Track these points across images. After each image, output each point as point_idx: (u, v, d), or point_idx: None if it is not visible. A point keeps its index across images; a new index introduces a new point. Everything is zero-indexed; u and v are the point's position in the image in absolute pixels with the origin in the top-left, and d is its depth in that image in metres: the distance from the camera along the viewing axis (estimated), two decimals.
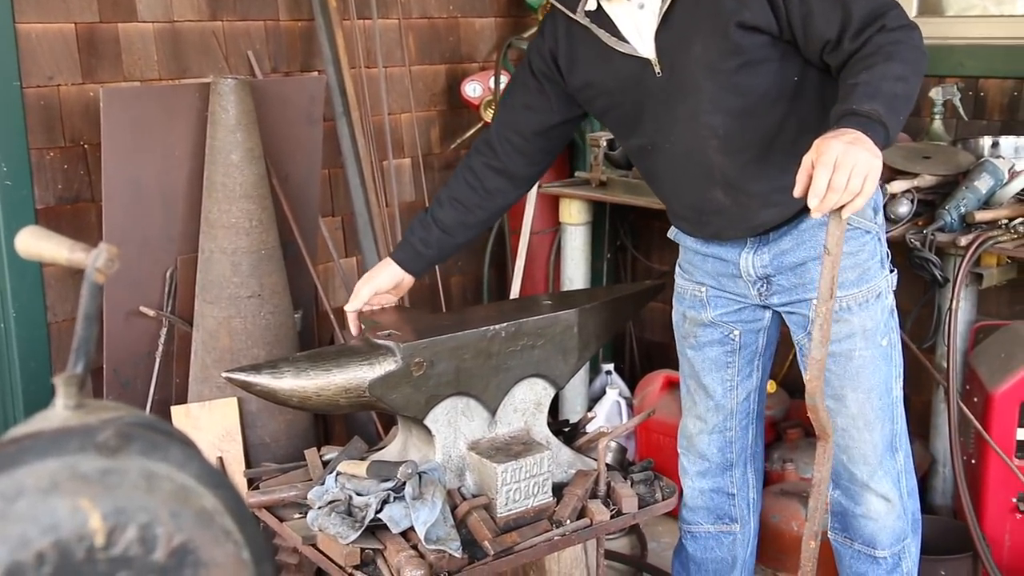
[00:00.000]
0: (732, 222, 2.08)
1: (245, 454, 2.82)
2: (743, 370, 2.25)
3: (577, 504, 2.15)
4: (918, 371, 3.49)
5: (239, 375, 2.00)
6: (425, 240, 2.27)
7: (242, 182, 2.78)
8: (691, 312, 2.26)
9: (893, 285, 2.15)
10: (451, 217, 2.26)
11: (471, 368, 2.12)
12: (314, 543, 2.05)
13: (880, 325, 2.09)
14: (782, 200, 2.00)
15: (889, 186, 2.95)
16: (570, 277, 3.76)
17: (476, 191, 2.25)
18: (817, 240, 2.05)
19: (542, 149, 2.25)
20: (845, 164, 1.62)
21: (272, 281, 2.85)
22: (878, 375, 2.10)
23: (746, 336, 2.22)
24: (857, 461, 2.14)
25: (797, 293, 2.10)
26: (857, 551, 2.24)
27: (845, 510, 2.22)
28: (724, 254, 2.15)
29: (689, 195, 2.11)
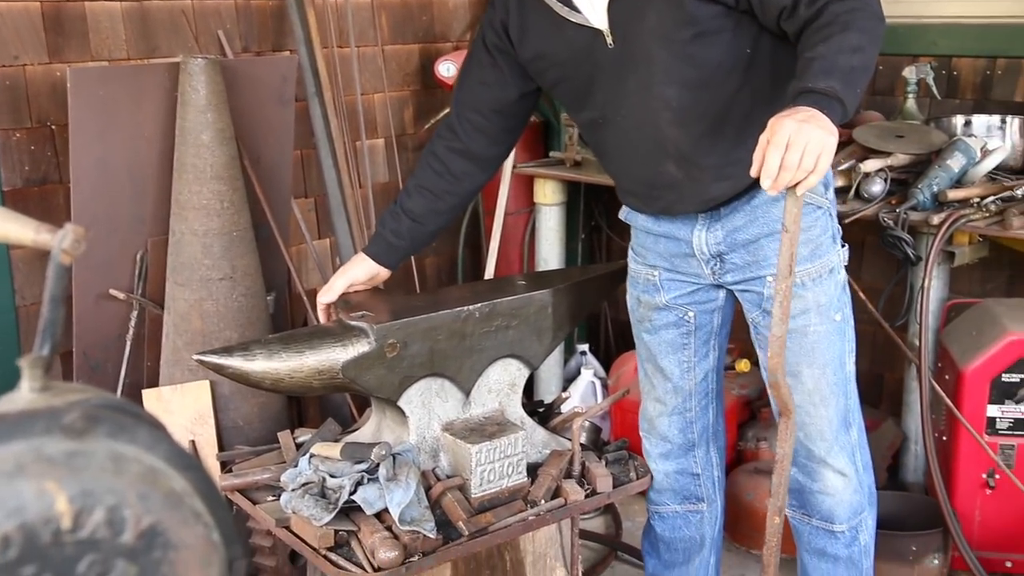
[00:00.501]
0: (684, 196, 2.08)
1: (218, 437, 2.82)
2: (699, 351, 2.27)
3: (551, 484, 2.16)
4: (891, 349, 3.53)
5: (211, 358, 1.99)
6: (397, 231, 2.26)
7: (213, 163, 2.76)
8: (645, 296, 2.26)
9: (845, 260, 2.16)
10: (420, 205, 2.25)
11: (445, 349, 2.12)
12: (287, 525, 2.04)
13: (833, 300, 2.11)
14: (735, 173, 2.01)
15: (862, 165, 2.97)
16: (544, 257, 3.76)
17: (442, 176, 2.24)
18: (770, 217, 2.06)
19: (503, 128, 2.24)
20: (798, 143, 1.63)
21: (244, 263, 2.84)
22: (832, 350, 2.12)
23: (701, 317, 2.23)
24: (814, 437, 2.16)
25: (751, 271, 2.11)
26: (815, 527, 2.26)
27: (802, 487, 2.25)
28: (676, 232, 2.14)
29: (640, 169, 2.11)
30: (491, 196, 3.81)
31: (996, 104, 3.32)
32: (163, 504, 0.76)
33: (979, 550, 2.88)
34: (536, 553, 2.27)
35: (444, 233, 4.08)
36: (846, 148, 3.15)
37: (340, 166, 3.38)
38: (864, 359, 3.71)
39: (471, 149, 2.23)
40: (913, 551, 2.83)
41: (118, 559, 0.73)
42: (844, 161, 3.08)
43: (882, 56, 3.50)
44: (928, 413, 2.87)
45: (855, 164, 3.02)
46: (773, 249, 2.06)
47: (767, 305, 2.09)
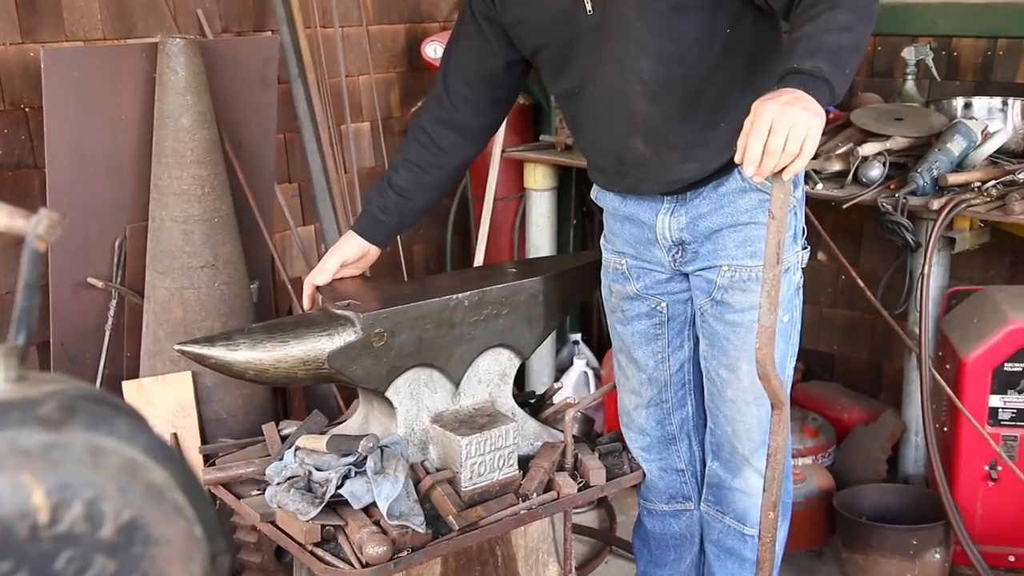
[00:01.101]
0: (650, 175, 2.08)
1: (200, 430, 2.81)
2: (673, 341, 2.26)
3: (544, 477, 2.16)
4: (890, 338, 3.54)
5: (193, 348, 1.98)
6: (384, 207, 2.26)
7: (193, 147, 2.74)
8: (616, 285, 2.26)
9: (803, 262, 2.16)
10: (407, 180, 2.25)
11: (434, 338, 2.12)
12: (273, 520, 2.04)
13: (784, 300, 2.10)
14: (702, 156, 2.01)
15: (860, 148, 2.97)
16: (535, 244, 3.76)
17: (429, 150, 2.24)
18: (735, 207, 2.06)
19: (489, 98, 2.23)
20: (781, 126, 1.62)
21: (226, 250, 2.83)
22: (776, 351, 2.11)
23: (673, 307, 2.23)
24: (741, 436, 2.17)
25: (709, 259, 2.11)
26: (728, 525, 2.28)
27: (721, 482, 2.26)
28: (641, 214, 2.15)
29: (609, 143, 2.11)
30: (480, 181, 3.80)
31: (997, 86, 3.32)
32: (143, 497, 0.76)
33: (981, 544, 2.89)
34: (528, 548, 2.27)
35: (432, 219, 4.12)
36: (844, 131, 3.15)
37: (324, 150, 3.36)
38: (863, 348, 3.75)
39: (458, 120, 2.23)
40: (914, 545, 2.85)
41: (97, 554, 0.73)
42: (842, 145, 3.08)
43: (880, 36, 3.51)
44: (929, 403, 2.88)
45: (853, 148, 3.02)
46: (734, 241, 2.07)
47: (718, 294, 2.10)
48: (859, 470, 3.26)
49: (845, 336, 3.77)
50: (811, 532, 3.11)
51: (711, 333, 2.14)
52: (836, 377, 3.80)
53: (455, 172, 2.30)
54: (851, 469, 3.28)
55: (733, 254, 2.07)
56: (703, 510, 2.31)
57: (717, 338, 2.13)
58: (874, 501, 3.05)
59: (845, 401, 3.54)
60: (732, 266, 2.07)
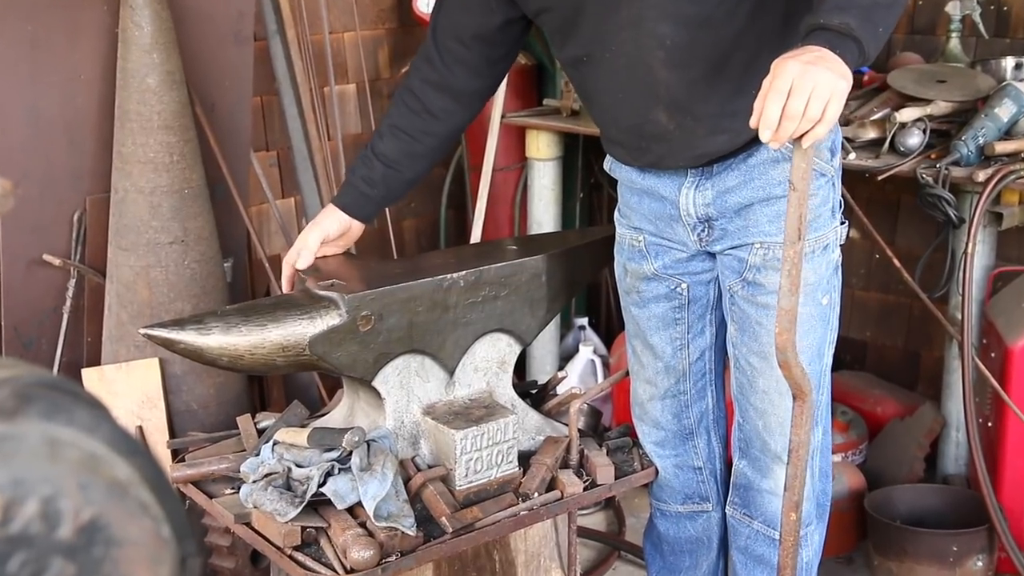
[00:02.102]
0: (675, 149, 2.07)
1: (168, 422, 2.82)
2: (694, 327, 2.26)
3: (546, 475, 2.16)
4: (929, 324, 3.54)
5: (160, 332, 1.99)
6: (369, 179, 2.25)
7: (160, 111, 2.74)
8: (631, 264, 2.26)
9: (842, 239, 2.16)
10: (395, 149, 2.23)
11: (426, 322, 2.12)
12: (248, 522, 2.05)
13: (823, 281, 2.10)
14: (732, 126, 2.00)
15: (898, 114, 2.96)
16: (538, 219, 3.76)
17: (419, 115, 2.22)
18: (767, 179, 2.05)
19: (485, 58, 2.21)
20: (802, 88, 1.61)
21: (197, 225, 2.82)
22: (812, 336, 2.12)
23: (695, 289, 2.22)
24: (774, 430, 2.16)
25: (740, 237, 2.10)
26: (756, 530, 2.27)
27: (749, 483, 2.26)
28: (662, 189, 2.13)
29: (628, 116, 2.09)
30: (477, 150, 3.80)
31: None
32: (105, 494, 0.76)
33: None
34: (529, 552, 2.28)
35: (424, 192, 4.12)
36: (880, 95, 3.15)
37: (306, 115, 3.36)
38: (899, 335, 3.75)
39: (450, 82, 2.21)
40: (954, 551, 2.86)
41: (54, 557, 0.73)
42: (877, 110, 3.07)
43: None
44: (971, 396, 2.89)
45: (890, 113, 3.01)
46: (766, 216, 2.06)
47: (749, 274, 2.10)
48: (894, 469, 3.27)
49: (879, 321, 3.78)
50: (840, 537, 3.12)
51: (741, 317, 2.14)
52: (869, 367, 3.80)
53: (447, 139, 2.29)
54: (885, 468, 3.29)
55: (766, 230, 2.06)
56: (729, 514, 2.31)
57: (748, 323, 2.13)
58: (910, 503, 3.06)
59: (879, 393, 3.55)
60: (765, 243, 2.06)
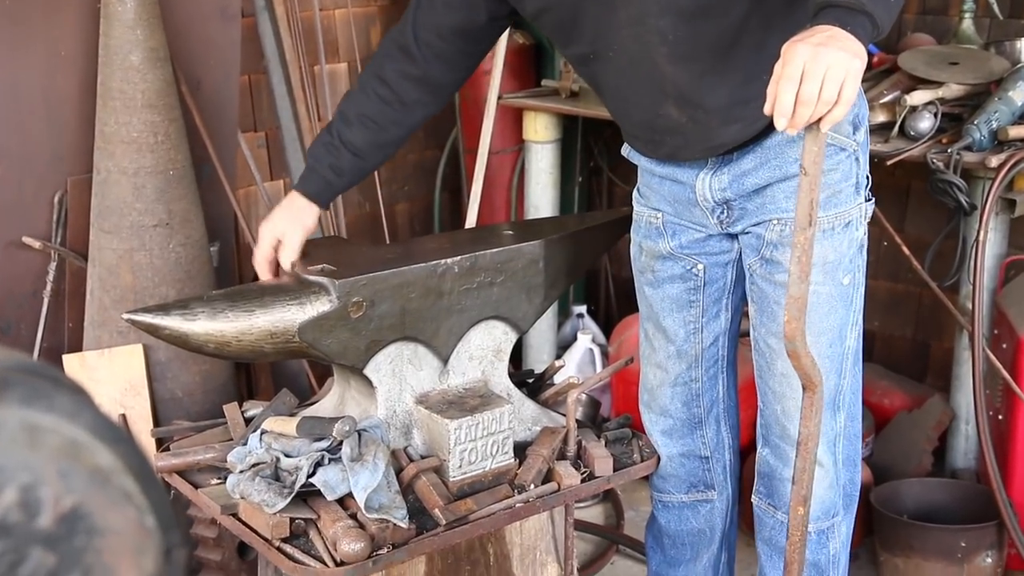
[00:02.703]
0: (689, 142, 2.09)
1: (153, 411, 2.82)
2: (709, 310, 2.27)
3: (542, 466, 2.17)
4: (939, 313, 3.55)
5: (144, 317, 1.98)
6: (336, 167, 2.25)
7: (144, 89, 2.73)
8: (647, 243, 2.27)
9: (867, 216, 2.16)
10: (363, 138, 2.23)
11: (419, 309, 2.12)
12: (235, 513, 2.05)
13: (844, 260, 2.11)
14: (745, 115, 2.01)
15: (908, 97, 2.96)
16: (535, 204, 3.75)
17: (391, 105, 2.22)
18: (784, 159, 2.06)
19: (462, 52, 2.23)
20: (815, 71, 1.61)
21: (182, 207, 2.82)
22: (832, 318, 2.12)
23: (712, 271, 2.23)
24: (792, 415, 2.15)
25: (758, 215, 2.12)
26: (780, 521, 2.26)
27: (772, 471, 2.26)
28: (680, 176, 2.16)
29: (639, 112, 2.11)
30: (473, 132, 3.79)
31: None
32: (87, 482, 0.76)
33: None
34: (524, 546, 2.28)
35: (418, 174, 4.12)
36: (889, 77, 3.14)
37: (295, 94, 3.35)
38: (907, 325, 3.76)
39: (428, 76, 2.22)
40: (962, 547, 2.86)
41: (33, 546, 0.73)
42: (887, 92, 3.07)
43: None
44: (982, 388, 2.89)
45: (900, 96, 3.01)
46: (784, 192, 2.07)
47: (767, 252, 2.11)
48: (901, 463, 3.27)
49: (887, 311, 3.78)
50: None
51: (760, 297, 2.15)
52: (876, 358, 3.80)
53: (412, 130, 2.32)
54: (892, 461, 3.30)
55: (783, 206, 2.07)
56: (754, 503, 2.31)
57: (766, 302, 2.14)
58: (917, 498, 3.07)
59: (886, 385, 3.55)
60: (782, 220, 2.07)
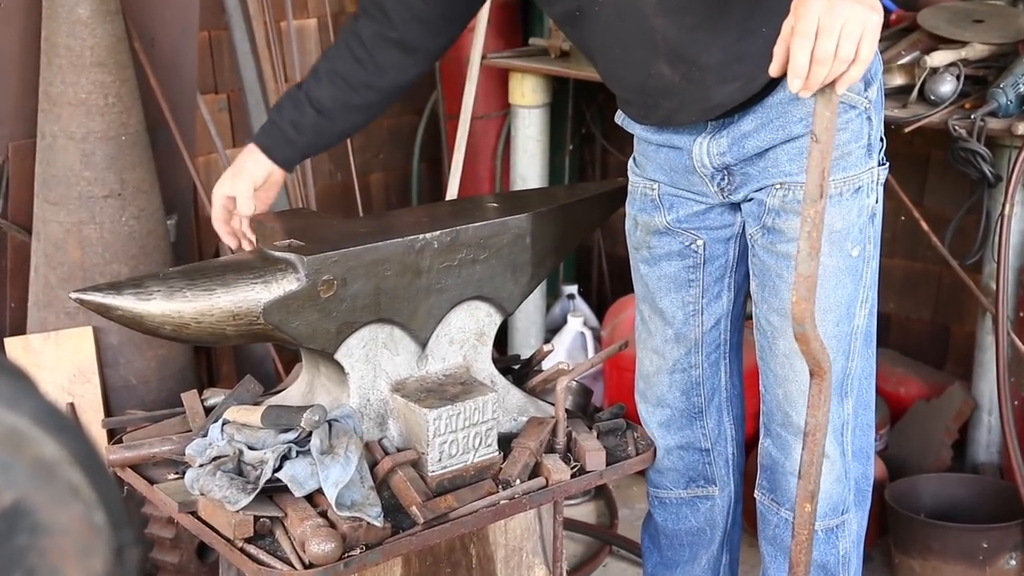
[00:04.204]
0: (685, 103, 2.08)
1: (104, 399, 2.82)
2: (709, 290, 2.27)
3: (529, 460, 2.17)
4: (960, 294, 3.56)
5: (94, 296, 1.97)
6: (297, 124, 2.26)
7: (93, 45, 2.72)
8: (643, 216, 2.27)
9: (880, 181, 2.15)
10: (330, 96, 2.25)
11: (395, 288, 2.11)
12: (194, 511, 2.04)
13: (853, 229, 2.10)
14: (742, 72, 2.00)
15: (929, 58, 2.96)
16: (522, 174, 3.75)
17: (363, 65, 2.24)
18: (786, 119, 2.05)
19: (442, 16, 2.24)
20: (830, 27, 1.61)
21: (136, 176, 2.81)
22: (840, 293, 2.12)
23: (713, 247, 2.23)
24: (795, 400, 2.15)
25: (760, 180, 2.11)
26: (784, 518, 2.25)
27: (775, 463, 2.26)
28: (677, 141, 2.16)
29: (631, 72, 2.11)
30: (454, 96, 3.78)
31: None
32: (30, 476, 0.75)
33: None
34: (509, 547, 2.28)
35: (394, 142, 4.10)
36: (908, 36, 3.14)
37: (260, 53, 3.33)
38: (926, 307, 3.77)
39: (406, 39, 2.24)
40: (984, 548, 2.88)
41: None
42: (905, 53, 3.07)
43: None
44: (1006, 375, 2.90)
45: (919, 57, 3.01)
46: (787, 155, 2.07)
47: (768, 219, 2.10)
48: (918, 456, 3.29)
49: (904, 292, 3.79)
50: None
51: (762, 269, 2.15)
52: (892, 342, 3.82)
53: (391, 95, 2.33)
54: (908, 455, 3.31)
55: (786, 169, 2.06)
56: (757, 499, 2.32)
57: (768, 275, 2.13)
58: (935, 494, 3.08)
59: (902, 372, 3.56)
60: (785, 184, 2.07)
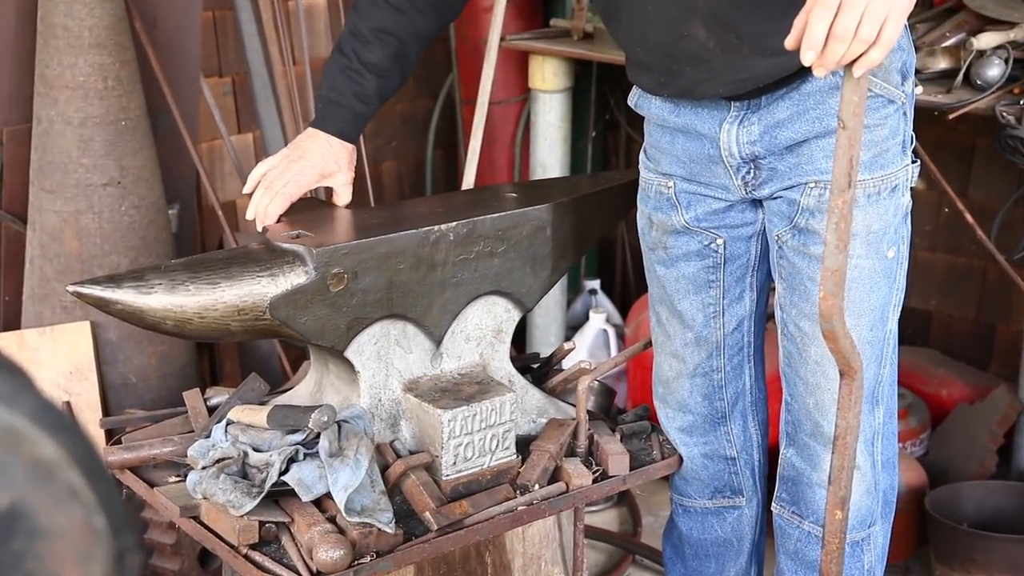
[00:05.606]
0: (713, 72, 2.06)
1: (102, 397, 2.82)
2: (730, 291, 2.26)
3: (549, 464, 2.17)
4: (1006, 291, 3.54)
5: (92, 290, 1.98)
6: (362, 95, 2.25)
7: (92, 26, 2.73)
8: (658, 215, 2.26)
9: (913, 180, 2.15)
10: (384, 56, 2.24)
11: (408, 282, 2.12)
12: (196, 515, 2.05)
13: (889, 229, 2.10)
14: (783, 48, 1.98)
15: (975, 40, 2.95)
16: (542, 162, 3.75)
17: (406, 14, 2.24)
18: (824, 110, 2.04)
19: None
20: (854, 3, 1.61)
21: (136, 164, 2.82)
22: (875, 296, 2.12)
23: (733, 246, 2.23)
24: (826, 409, 2.15)
25: (791, 177, 2.10)
26: (807, 532, 2.26)
27: (799, 475, 2.26)
28: (699, 125, 2.13)
29: (660, 31, 2.08)
30: (471, 79, 3.78)
31: None
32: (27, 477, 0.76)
33: None
34: (527, 555, 2.29)
35: (407, 129, 4.11)
36: (953, 17, 3.13)
37: (267, 34, 3.33)
38: (970, 304, 3.75)
39: None
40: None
41: None
42: (950, 35, 3.06)
43: None
44: None
45: (965, 39, 2.99)
46: (823, 151, 2.06)
47: (801, 219, 2.09)
48: (961, 463, 3.28)
49: (946, 288, 3.78)
50: (895, 542, 3.12)
51: (791, 273, 2.14)
52: (933, 342, 3.81)
53: (431, 41, 2.33)
54: (950, 461, 3.30)
55: (822, 167, 2.05)
56: (776, 512, 2.32)
57: (799, 278, 2.13)
58: (979, 503, 3.07)
59: (944, 373, 3.55)
60: (821, 182, 2.06)
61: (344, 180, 2.28)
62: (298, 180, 2.21)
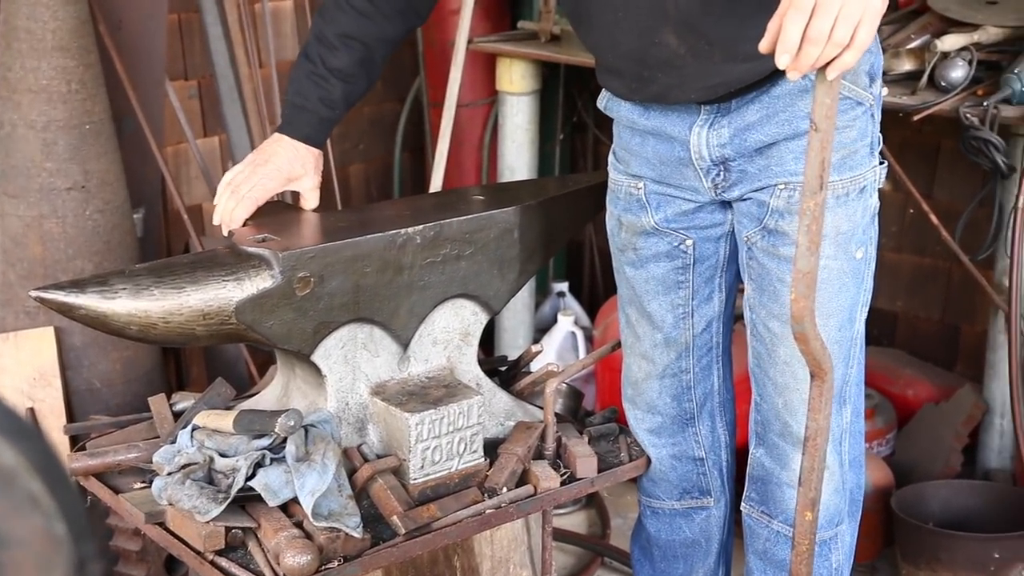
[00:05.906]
0: (685, 79, 2.07)
1: (66, 403, 2.81)
2: (699, 292, 2.27)
3: (516, 467, 2.17)
4: (970, 292, 3.57)
5: (56, 295, 1.97)
6: (328, 100, 2.25)
7: (55, 28, 2.71)
8: (628, 216, 2.27)
9: (881, 181, 2.17)
10: (350, 61, 2.24)
11: (375, 286, 2.11)
12: (162, 522, 2.04)
13: (858, 230, 2.12)
14: (754, 53, 2.00)
15: (939, 42, 2.97)
16: (510, 165, 3.75)
17: (371, 19, 2.23)
18: (793, 113, 2.06)
19: None
20: (828, 6, 1.62)
21: (101, 168, 2.81)
22: (844, 297, 2.14)
23: (702, 246, 2.24)
24: (796, 409, 2.17)
25: (761, 179, 2.11)
26: (776, 531, 2.28)
27: (768, 475, 2.27)
28: (669, 128, 2.14)
29: (631, 38, 2.09)
30: (438, 82, 3.78)
31: None
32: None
33: None
34: (496, 558, 2.29)
35: (375, 131, 4.10)
36: (918, 19, 3.15)
37: (233, 36, 3.32)
38: (935, 305, 3.78)
39: None
40: (996, 559, 2.88)
41: None
42: (915, 37, 3.08)
43: None
44: (1019, 377, 2.91)
45: (929, 41, 3.01)
46: (792, 152, 2.07)
47: (770, 221, 2.11)
48: (926, 462, 3.29)
49: (912, 289, 3.80)
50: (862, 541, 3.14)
51: (760, 274, 2.15)
52: (899, 342, 3.83)
53: (396, 46, 2.32)
54: (916, 461, 3.32)
55: (792, 169, 2.07)
56: (745, 512, 2.33)
57: (768, 279, 2.14)
58: (945, 502, 3.09)
59: (910, 373, 3.57)
60: (790, 184, 2.07)
61: (311, 184, 2.27)
62: (264, 184, 2.21)
